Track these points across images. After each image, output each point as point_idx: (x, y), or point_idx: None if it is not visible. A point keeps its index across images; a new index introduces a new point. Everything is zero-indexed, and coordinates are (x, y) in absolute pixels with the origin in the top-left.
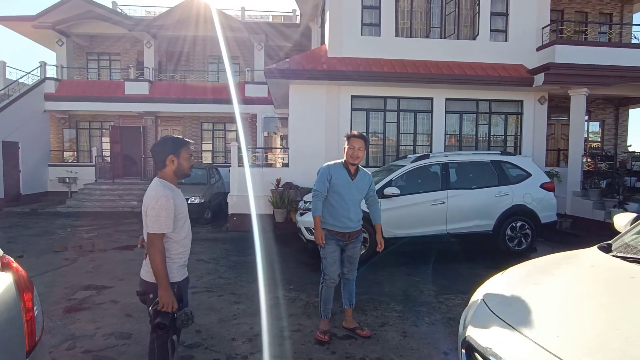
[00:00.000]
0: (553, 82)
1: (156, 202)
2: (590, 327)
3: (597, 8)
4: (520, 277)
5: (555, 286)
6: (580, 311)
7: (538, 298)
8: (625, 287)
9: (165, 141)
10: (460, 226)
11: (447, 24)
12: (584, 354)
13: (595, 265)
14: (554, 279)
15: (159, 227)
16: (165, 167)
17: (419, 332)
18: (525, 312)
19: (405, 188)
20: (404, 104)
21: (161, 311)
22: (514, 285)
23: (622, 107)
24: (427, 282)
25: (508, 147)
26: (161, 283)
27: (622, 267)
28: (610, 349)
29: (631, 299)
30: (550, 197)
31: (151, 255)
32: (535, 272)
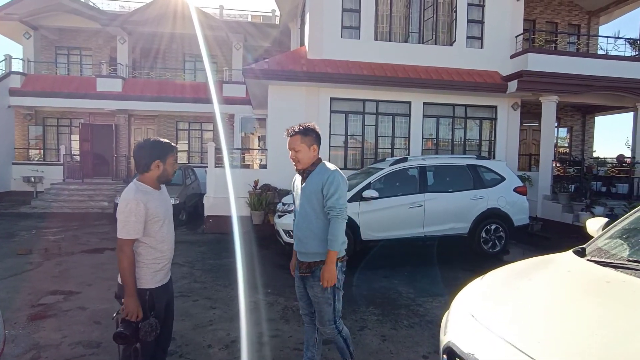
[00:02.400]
0: (526, 89)
1: (125, 206)
2: (570, 333)
3: (567, 19)
4: (499, 282)
5: (534, 291)
6: (559, 316)
7: (518, 303)
8: (602, 292)
9: (153, 145)
10: (437, 229)
11: (426, 30)
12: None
13: (571, 270)
14: (532, 284)
15: (127, 232)
16: (149, 171)
17: (398, 335)
18: (506, 318)
19: (384, 191)
20: (382, 107)
21: (125, 320)
22: (493, 290)
23: (589, 114)
24: (405, 284)
25: (482, 152)
26: (127, 290)
27: (598, 271)
28: (590, 354)
29: (609, 303)
30: (523, 200)
31: (118, 261)
32: (514, 276)
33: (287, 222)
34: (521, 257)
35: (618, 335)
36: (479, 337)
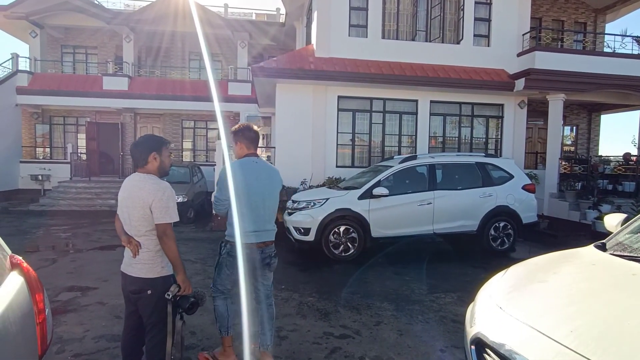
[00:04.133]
0: (533, 87)
1: (163, 194)
2: (601, 322)
3: (573, 17)
4: (523, 276)
5: (560, 283)
6: (588, 307)
7: (545, 295)
8: (629, 284)
9: (147, 139)
10: (446, 226)
11: (433, 28)
12: (598, 347)
13: (595, 263)
14: (557, 277)
15: (170, 216)
16: (147, 164)
17: (414, 330)
18: (535, 309)
19: (393, 188)
20: (389, 106)
21: (182, 296)
22: (518, 283)
23: (595, 113)
24: (417, 281)
25: (489, 150)
26: (181, 269)
27: (622, 265)
28: (623, 343)
29: (637, 294)
30: (531, 198)
31: (167, 244)
32: (538, 270)
33: (298, 220)
34: (528, 254)
35: (631, 318)
36: (509, 327)
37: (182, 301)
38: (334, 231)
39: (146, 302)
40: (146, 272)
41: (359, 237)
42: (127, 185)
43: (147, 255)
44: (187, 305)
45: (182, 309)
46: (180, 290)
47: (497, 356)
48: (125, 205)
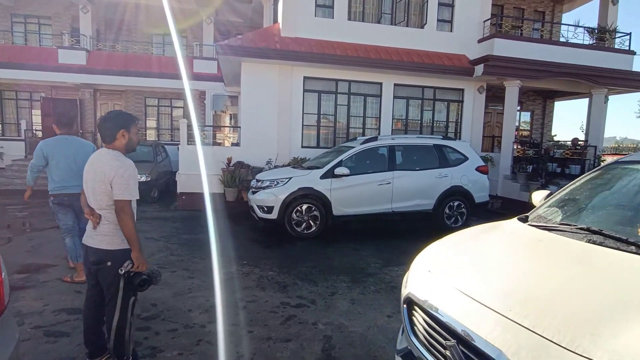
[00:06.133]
0: (491, 73)
1: (125, 171)
2: (502, 278)
3: (533, 5)
4: (452, 244)
5: (480, 249)
6: (497, 267)
7: (467, 259)
8: (534, 248)
9: (117, 115)
10: (404, 205)
11: (398, 11)
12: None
13: (514, 232)
14: (480, 244)
15: (130, 193)
16: (115, 141)
17: (366, 299)
18: (456, 271)
19: (355, 168)
20: (354, 88)
21: (135, 272)
22: (447, 249)
23: (549, 99)
24: (373, 256)
25: (449, 133)
26: (135, 246)
27: (535, 233)
28: (514, 292)
29: (537, 256)
30: (484, 179)
31: (123, 220)
32: (466, 239)
33: (261, 198)
34: None
35: (538, 278)
36: (432, 286)
37: (134, 277)
38: (296, 209)
39: (105, 274)
40: (106, 244)
41: (320, 215)
42: (93, 159)
43: (108, 228)
44: (137, 281)
45: (132, 285)
46: (133, 266)
47: (422, 312)
48: (90, 178)
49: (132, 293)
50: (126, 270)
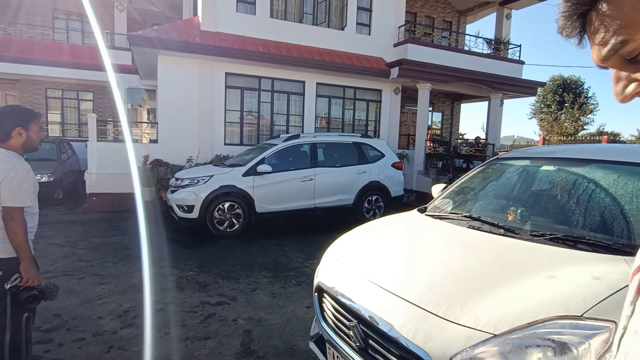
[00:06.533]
0: (405, 76)
1: (16, 174)
2: (397, 261)
3: (442, 15)
4: (359, 235)
5: (382, 238)
6: (394, 252)
7: (370, 248)
8: (427, 236)
9: (13, 111)
10: (326, 200)
11: (319, 12)
12: (395, 282)
13: (413, 222)
14: (382, 234)
15: (21, 199)
16: (9, 139)
17: (287, 292)
18: (360, 258)
19: (278, 166)
20: (278, 85)
21: (25, 286)
22: (353, 240)
23: (456, 101)
24: (296, 251)
25: (369, 131)
26: (25, 257)
27: (429, 222)
28: (410, 276)
29: (427, 243)
30: (399, 175)
31: (12, 230)
32: (371, 229)
33: (181, 197)
34: None
35: (426, 261)
36: (339, 274)
37: (22, 293)
38: (218, 208)
39: None
40: None
41: (243, 212)
42: None
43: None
44: (25, 297)
45: (20, 301)
46: (22, 280)
47: (331, 298)
48: None
49: (23, 309)
50: (12, 284)
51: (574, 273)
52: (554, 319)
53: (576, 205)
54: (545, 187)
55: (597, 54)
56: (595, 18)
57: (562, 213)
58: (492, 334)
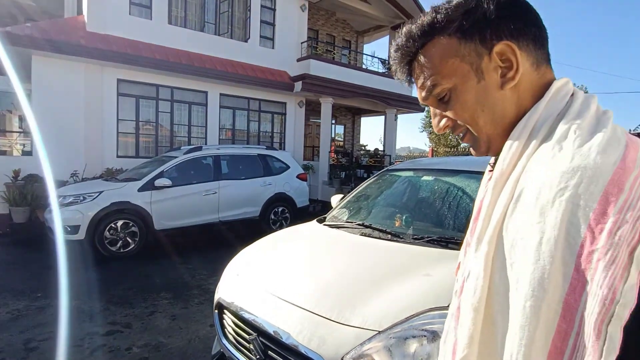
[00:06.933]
0: (308, 90)
1: None
2: (295, 272)
3: (342, 34)
4: (259, 247)
5: (282, 249)
6: (294, 264)
7: (270, 259)
8: (325, 245)
9: None
10: (231, 214)
11: (222, 22)
12: (293, 291)
13: (312, 232)
14: (283, 245)
15: None
16: None
17: (188, 312)
18: (260, 271)
19: (178, 179)
20: (178, 95)
21: None
22: (254, 253)
23: (357, 115)
24: (200, 268)
25: (275, 143)
26: None
27: (327, 231)
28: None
29: (324, 252)
30: (304, 185)
31: None
32: (271, 242)
33: (64, 217)
34: None
35: (322, 269)
36: (239, 288)
37: None
38: (110, 227)
39: None
40: None
41: (140, 230)
42: None
43: None
44: None
45: None
46: None
47: (231, 313)
48: None
49: None
50: None
51: (445, 270)
52: (426, 311)
53: (448, 210)
54: (425, 195)
55: (419, 95)
56: (417, 67)
57: (438, 217)
58: (378, 331)
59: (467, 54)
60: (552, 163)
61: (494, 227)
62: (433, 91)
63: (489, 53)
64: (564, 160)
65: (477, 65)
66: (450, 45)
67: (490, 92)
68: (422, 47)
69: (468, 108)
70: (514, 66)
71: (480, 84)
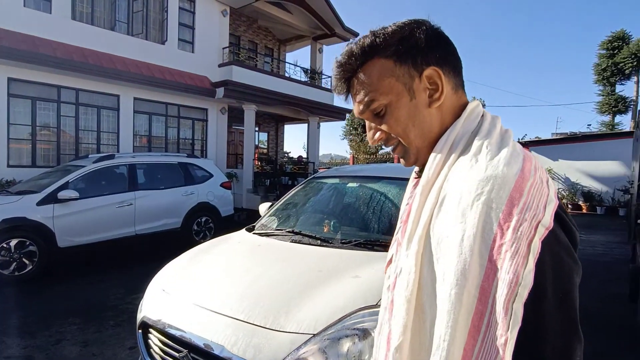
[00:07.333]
0: (231, 97)
1: None
2: (227, 283)
3: (264, 42)
4: (187, 259)
5: (211, 260)
6: (224, 274)
7: (199, 272)
8: (255, 253)
9: None
10: (149, 226)
11: (135, 22)
12: (224, 303)
13: (241, 241)
14: (211, 256)
15: None
16: None
17: (103, 337)
18: (189, 284)
19: (87, 190)
20: (85, 98)
21: None
22: (181, 266)
23: (280, 122)
24: (115, 286)
25: (196, 150)
26: None
27: (257, 240)
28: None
29: (255, 261)
30: (228, 194)
31: None
32: (199, 252)
33: None
34: None
35: (253, 278)
36: (166, 304)
37: None
38: (1, 247)
39: None
40: None
41: (39, 250)
42: None
43: None
44: None
45: None
46: None
47: (157, 332)
48: None
49: None
50: None
51: (371, 271)
52: (357, 311)
53: (372, 214)
54: (351, 201)
55: (357, 109)
56: (357, 83)
57: (363, 222)
58: (312, 334)
59: (401, 74)
60: (470, 173)
61: (423, 227)
62: (370, 106)
63: (420, 76)
64: (480, 170)
65: (410, 86)
66: (387, 65)
67: (420, 110)
68: (362, 66)
69: (401, 122)
70: (440, 88)
71: (412, 102)
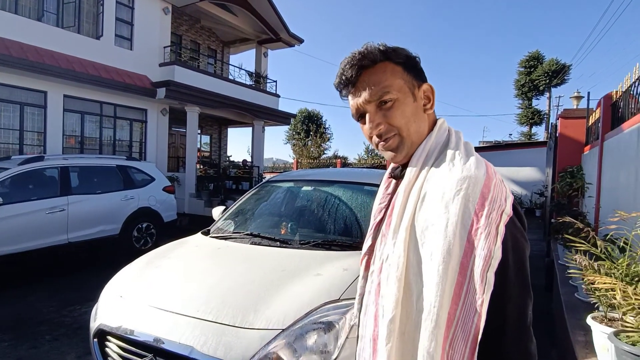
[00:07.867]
0: (172, 98)
1: None
2: (189, 286)
3: (207, 43)
4: (143, 264)
5: (170, 265)
6: (184, 277)
7: (159, 276)
8: (214, 255)
9: None
10: (84, 233)
11: (66, 14)
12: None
13: (198, 245)
14: (169, 260)
15: None
16: None
17: (40, 352)
18: (150, 289)
19: (10, 195)
20: (5, 93)
21: None
22: (138, 271)
23: (224, 126)
24: (46, 299)
25: (134, 153)
26: None
27: (215, 243)
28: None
29: (215, 261)
30: (171, 199)
31: None
32: (155, 257)
33: None
34: None
35: (217, 280)
36: (125, 310)
37: None
38: None
39: None
40: None
41: None
42: None
43: None
44: None
45: None
46: None
47: (117, 339)
48: None
49: None
50: None
51: (332, 268)
52: (322, 305)
53: (328, 216)
54: (307, 204)
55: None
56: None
57: (320, 223)
58: (281, 329)
59: (408, 80)
60: (450, 174)
61: (409, 219)
62: (383, 97)
63: (419, 87)
64: (457, 172)
65: (413, 91)
66: (398, 70)
67: (419, 112)
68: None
69: (406, 116)
70: (431, 101)
71: (415, 104)
